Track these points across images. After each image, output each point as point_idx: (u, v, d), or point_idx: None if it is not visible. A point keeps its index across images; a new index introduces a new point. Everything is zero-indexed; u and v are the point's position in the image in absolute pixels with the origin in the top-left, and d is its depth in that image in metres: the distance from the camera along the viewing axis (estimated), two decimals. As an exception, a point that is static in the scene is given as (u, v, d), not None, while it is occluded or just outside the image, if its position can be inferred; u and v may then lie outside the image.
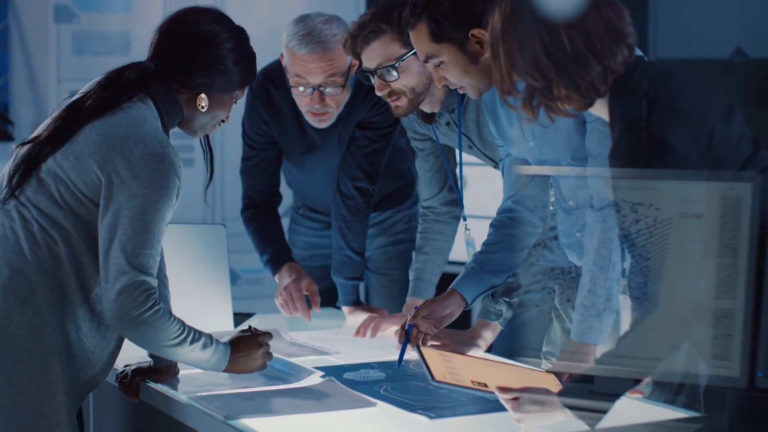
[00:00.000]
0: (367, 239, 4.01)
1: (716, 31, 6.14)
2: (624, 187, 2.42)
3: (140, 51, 5.41)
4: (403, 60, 3.33)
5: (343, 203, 3.93)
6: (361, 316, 3.86)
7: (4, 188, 2.83)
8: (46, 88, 5.40)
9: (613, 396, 2.45)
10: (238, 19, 5.51)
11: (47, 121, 2.90)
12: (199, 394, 2.83)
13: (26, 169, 2.81)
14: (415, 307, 3.22)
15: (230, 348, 2.89)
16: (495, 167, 3.58)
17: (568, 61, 2.40)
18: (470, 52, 2.93)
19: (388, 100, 3.40)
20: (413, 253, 3.80)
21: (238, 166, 4.07)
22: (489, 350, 3.36)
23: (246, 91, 3.92)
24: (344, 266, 3.92)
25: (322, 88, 3.71)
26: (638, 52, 2.52)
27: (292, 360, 3.14)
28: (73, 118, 2.82)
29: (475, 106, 3.40)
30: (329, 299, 4.17)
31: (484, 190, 4.90)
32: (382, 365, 3.17)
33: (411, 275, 3.79)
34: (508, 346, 3.51)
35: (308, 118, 3.80)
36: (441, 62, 2.97)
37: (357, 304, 3.93)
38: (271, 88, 3.88)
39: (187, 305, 3.12)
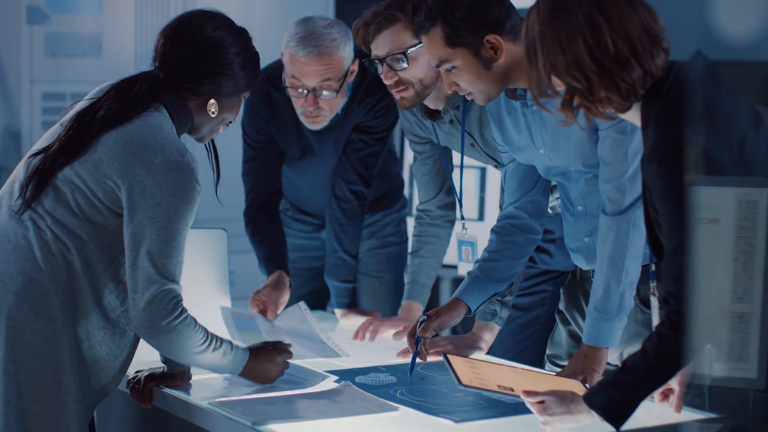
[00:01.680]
0: (358, 242, 4.03)
1: (676, 33, 6.24)
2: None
3: (112, 53, 5.45)
4: (413, 49, 3.35)
5: (338, 206, 3.94)
6: (354, 319, 3.89)
7: (17, 198, 2.82)
8: (19, 90, 5.34)
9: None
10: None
11: (55, 130, 2.89)
12: (218, 400, 2.83)
13: (40, 180, 2.80)
14: (423, 317, 3.21)
15: (249, 354, 2.92)
16: (496, 166, 3.61)
17: (611, 62, 2.42)
18: (484, 58, 2.94)
19: (394, 91, 3.41)
20: (408, 256, 3.82)
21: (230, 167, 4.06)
22: (488, 352, 3.39)
23: None
24: (338, 269, 3.94)
25: (316, 91, 3.73)
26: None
27: (302, 361, 3.16)
28: (87, 129, 2.82)
29: (478, 107, 3.43)
30: (318, 301, 4.20)
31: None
32: (390, 369, 3.20)
33: (406, 278, 3.82)
34: (509, 349, 3.55)
35: (302, 119, 3.82)
36: (453, 67, 2.96)
37: (350, 307, 3.94)
38: (270, 89, 3.88)
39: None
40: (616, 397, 2.49)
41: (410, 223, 4.33)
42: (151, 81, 2.89)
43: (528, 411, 2.67)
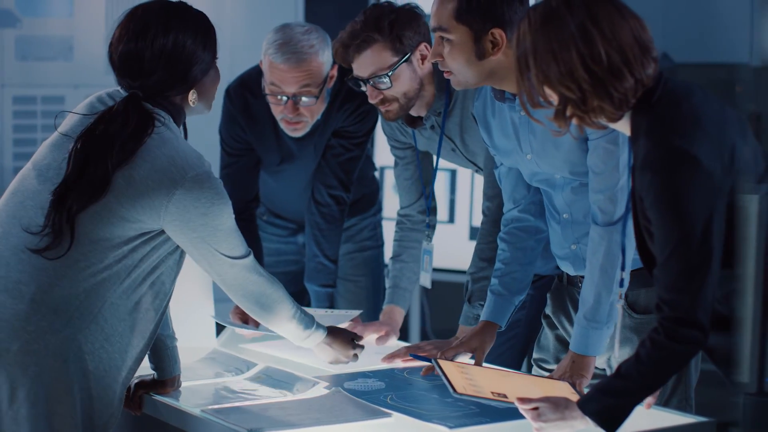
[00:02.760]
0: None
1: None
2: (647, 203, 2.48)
3: (83, 56, 5.43)
4: (395, 69, 3.36)
5: (318, 211, 3.94)
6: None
7: (35, 227, 2.77)
8: (-11, 94, 5.34)
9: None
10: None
11: (59, 146, 2.85)
12: (212, 407, 2.83)
13: (61, 218, 2.76)
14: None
15: (327, 332, 3.13)
16: (476, 171, 3.63)
17: (604, 72, 2.45)
18: (481, 47, 2.92)
19: (380, 107, 3.43)
20: (390, 261, 3.82)
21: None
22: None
23: (223, 98, 3.92)
24: (318, 273, 3.94)
25: (296, 98, 3.73)
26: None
27: (288, 367, 3.16)
28: (101, 165, 2.76)
29: (459, 110, 3.45)
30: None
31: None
32: (377, 374, 3.21)
33: (388, 282, 3.82)
34: (489, 351, 3.56)
35: (282, 126, 3.82)
36: (449, 40, 2.93)
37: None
38: (248, 97, 3.88)
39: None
40: (610, 402, 2.51)
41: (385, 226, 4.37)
42: (133, 102, 2.83)
43: (521, 416, 2.68)
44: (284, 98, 3.73)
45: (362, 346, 3.24)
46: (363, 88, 3.44)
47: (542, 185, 3.12)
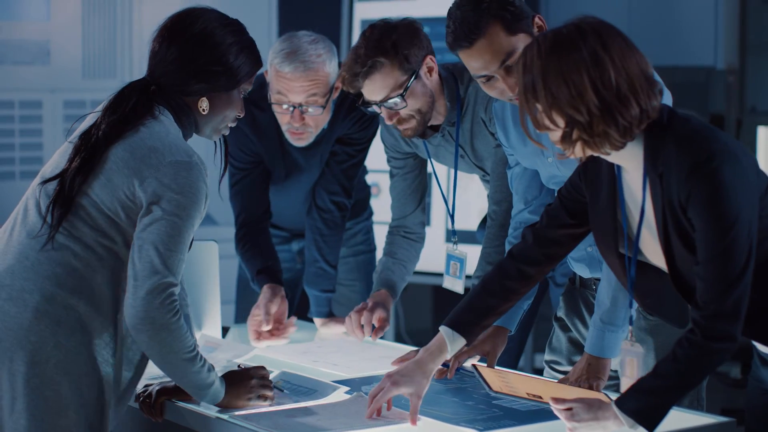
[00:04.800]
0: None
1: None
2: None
3: (59, 60, 5.40)
4: (408, 88, 3.36)
5: (320, 216, 3.95)
6: (333, 328, 3.91)
7: (38, 222, 2.78)
8: (-33, 99, 5.30)
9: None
10: (148, 19, 5.45)
11: (65, 150, 2.87)
12: (238, 413, 2.83)
13: (63, 204, 2.78)
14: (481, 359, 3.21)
15: (225, 381, 2.89)
16: (483, 177, 3.65)
17: (612, 98, 2.51)
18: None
19: (398, 126, 3.43)
20: (382, 258, 3.79)
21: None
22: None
23: None
24: (319, 278, 3.95)
25: (302, 107, 3.71)
26: None
27: (306, 372, 3.16)
28: (95, 146, 2.80)
29: (470, 116, 3.47)
30: (287, 313, 4.19)
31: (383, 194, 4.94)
32: (391, 377, 3.21)
33: (378, 275, 3.77)
34: (510, 358, 3.58)
35: (288, 136, 3.81)
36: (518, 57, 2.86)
37: (329, 316, 3.96)
38: (254, 110, 3.84)
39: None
40: (648, 401, 2.55)
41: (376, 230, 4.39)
42: (141, 89, 2.87)
43: (547, 418, 2.73)
44: (291, 108, 3.71)
45: (270, 389, 2.95)
46: (376, 110, 3.42)
47: (559, 186, 3.15)
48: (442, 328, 2.87)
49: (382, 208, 4.42)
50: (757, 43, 6.56)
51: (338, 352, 3.57)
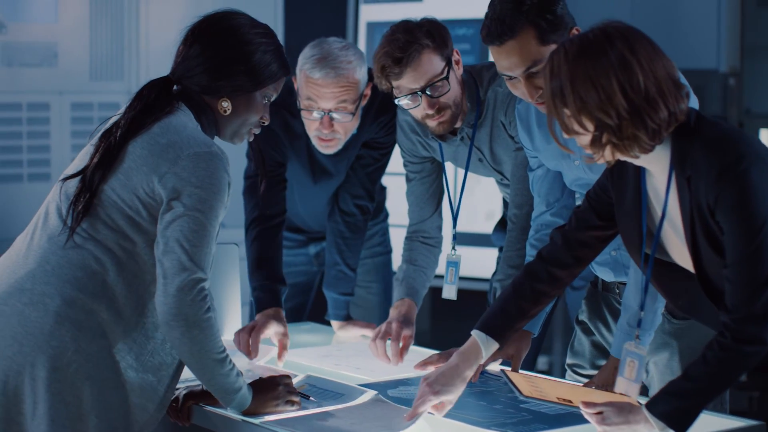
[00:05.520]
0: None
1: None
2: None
3: (67, 62, 5.39)
4: (449, 73, 3.36)
5: (343, 220, 3.95)
6: (351, 331, 3.91)
7: (59, 222, 2.79)
8: (-26, 101, 5.29)
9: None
10: (155, 21, 5.44)
11: (86, 150, 2.88)
12: (269, 418, 2.83)
13: (85, 201, 2.78)
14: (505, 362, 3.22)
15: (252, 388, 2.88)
16: (500, 181, 3.65)
17: (641, 101, 2.52)
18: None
19: (434, 119, 3.41)
20: (402, 265, 3.76)
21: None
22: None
23: None
24: (339, 281, 3.95)
25: (332, 114, 3.69)
26: None
27: (330, 375, 3.16)
28: (114, 143, 2.80)
29: (490, 120, 3.47)
30: (298, 316, 4.20)
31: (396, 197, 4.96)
32: (415, 381, 3.22)
33: (400, 283, 3.72)
34: (529, 360, 3.58)
35: (315, 143, 3.78)
36: (543, 68, 2.84)
37: (347, 319, 3.96)
38: (286, 115, 3.80)
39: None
40: (679, 404, 2.57)
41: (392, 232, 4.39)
42: (162, 85, 2.88)
43: (578, 422, 2.74)
44: (320, 114, 3.69)
45: (298, 396, 2.95)
46: (410, 104, 3.40)
47: (583, 189, 3.16)
48: (475, 333, 2.87)
49: (391, 211, 4.42)
50: (754, 46, 6.60)
51: (359, 355, 3.58)
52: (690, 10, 6.36)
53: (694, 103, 2.85)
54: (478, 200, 3.73)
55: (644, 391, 3.16)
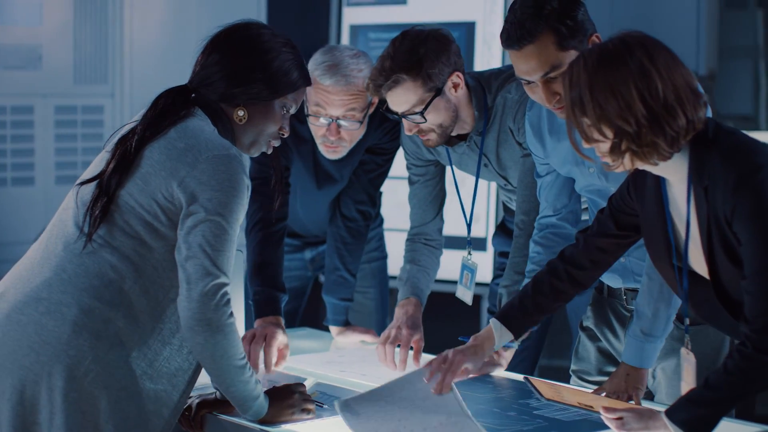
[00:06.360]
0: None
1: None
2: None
3: (51, 65, 5.35)
4: (428, 105, 3.36)
5: (344, 225, 3.94)
6: (350, 337, 3.90)
7: (75, 229, 2.77)
8: (-40, 103, 5.24)
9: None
10: (139, 24, 5.40)
11: (102, 157, 2.86)
12: (285, 427, 2.82)
13: (102, 205, 2.75)
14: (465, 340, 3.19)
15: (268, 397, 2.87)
16: (504, 186, 3.65)
17: (660, 108, 2.54)
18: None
19: (419, 136, 3.44)
20: (405, 265, 3.75)
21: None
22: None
23: None
24: (339, 287, 3.94)
25: (339, 121, 3.68)
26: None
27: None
28: (130, 148, 2.78)
29: (497, 125, 3.47)
30: (290, 321, 4.18)
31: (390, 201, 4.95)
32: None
33: (404, 283, 3.71)
34: (512, 365, 3.59)
35: (321, 149, 3.77)
36: (561, 73, 2.87)
37: (346, 324, 3.94)
38: (293, 121, 3.79)
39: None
40: (699, 413, 2.58)
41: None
42: (178, 92, 2.87)
43: (595, 429, 2.76)
44: (327, 121, 3.68)
45: (312, 403, 2.94)
46: (398, 118, 3.45)
47: (593, 195, 3.17)
48: (492, 321, 2.94)
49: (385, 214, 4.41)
50: (728, 48, 6.65)
51: (362, 361, 3.57)
52: (670, 13, 6.40)
53: (708, 113, 2.86)
54: (480, 206, 3.72)
55: (649, 396, 3.18)
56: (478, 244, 5.49)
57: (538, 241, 3.32)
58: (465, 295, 3.63)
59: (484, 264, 5.11)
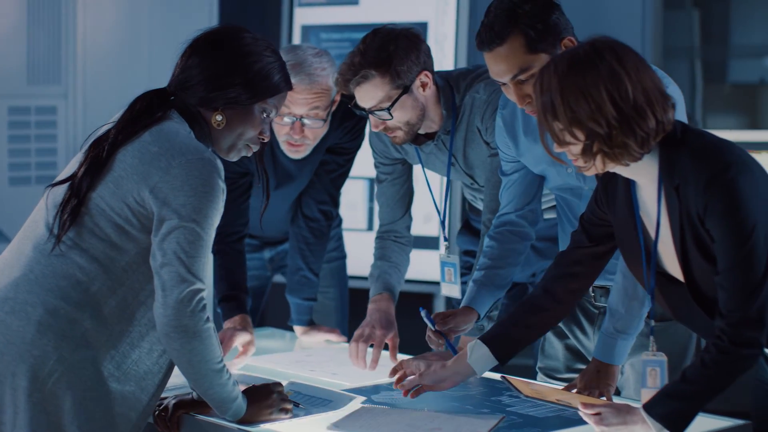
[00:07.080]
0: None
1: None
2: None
3: (4, 65, 5.31)
4: (395, 102, 3.39)
5: (307, 225, 3.95)
6: (315, 336, 3.92)
7: (45, 231, 2.76)
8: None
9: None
10: (92, 25, 5.36)
11: (77, 159, 2.85)
12: (264, 426, 2.83)
13: (72, 207, 2.75)
14: (424, 311, 3.24)
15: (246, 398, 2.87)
16: (471, 185, 3.68)
17: (630, 110, 2.60)
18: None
19: (386, 133, 3.48)
20: (376, 262, 3.77)
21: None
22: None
23: None
24: (302, 287, 3.96)
25: (303, 119, 3.70)
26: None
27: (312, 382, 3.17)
28: (103, 150, 2.78)
29: (465, 125, 3.51)
30: (253, 320, 4.17)
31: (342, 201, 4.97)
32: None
33: (376, 279, 3.74)
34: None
35: (284, 148, 3.79)
36: (532, 75, 2.96)
37: (310, 324, 3.96)
38: None
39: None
40: (676, 406, 2.63)
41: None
42: (156, 95, 2.87)
43: (570, 425, 2.81)
44: (291, 119, 3.71)
45: (289, 402, 2.95)
46: (365, 115, 3.48)
47: (566, 194, 3.21)
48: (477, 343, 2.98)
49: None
50: (668, 48, 6.73)
51: (330, 361, 3.59)
52: (614, 13, 6.46)
53: (682, 116, 2.91)
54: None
55: (617, 392, 3.23)
56: (431, 244, 5.54)
57: (492, 236, 3.37)
58: (452, 290, 3.64)
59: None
